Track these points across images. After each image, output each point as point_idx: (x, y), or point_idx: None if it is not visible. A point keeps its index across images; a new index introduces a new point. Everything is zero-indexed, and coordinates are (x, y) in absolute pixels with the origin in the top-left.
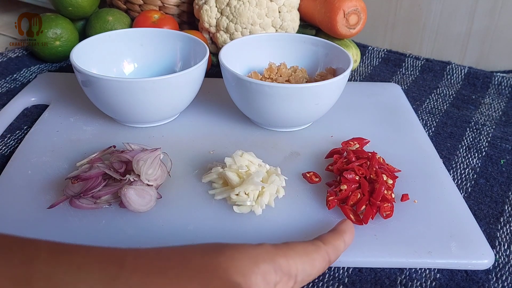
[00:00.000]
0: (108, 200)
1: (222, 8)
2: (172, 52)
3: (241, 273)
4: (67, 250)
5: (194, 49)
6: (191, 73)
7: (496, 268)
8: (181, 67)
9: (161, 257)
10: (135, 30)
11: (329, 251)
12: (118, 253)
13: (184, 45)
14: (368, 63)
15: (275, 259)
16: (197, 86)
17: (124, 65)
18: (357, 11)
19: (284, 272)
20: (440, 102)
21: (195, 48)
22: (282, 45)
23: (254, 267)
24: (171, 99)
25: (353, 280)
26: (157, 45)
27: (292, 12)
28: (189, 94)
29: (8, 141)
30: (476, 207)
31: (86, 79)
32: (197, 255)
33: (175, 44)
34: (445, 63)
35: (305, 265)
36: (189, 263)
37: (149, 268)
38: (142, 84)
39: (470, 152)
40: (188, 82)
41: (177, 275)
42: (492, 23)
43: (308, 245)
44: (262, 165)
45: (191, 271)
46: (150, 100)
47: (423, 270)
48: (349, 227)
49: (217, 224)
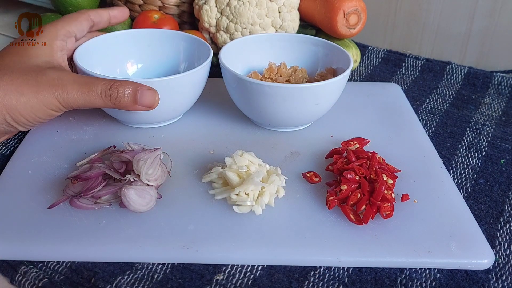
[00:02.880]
0: (108, 200)
1: (222, 8)
2: (176, 53)
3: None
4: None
5: (198, 50)
6: (194, 74)
7: (496, 268)
8: (185, 68)
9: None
10: (140, 31)
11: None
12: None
13: (188, 46)
14: (368, 63)
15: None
16: (201, 87)
17: (128, 66)
18: (357, 11)
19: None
20: (440, 102)
21: (199, 49)
22: (282, 45)
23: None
24: (174, 100)
25: (353, 280)
26: (162, 46)
27: (292, 12)
28: (192, 95)
29: (8, 141)
30: (476, 207)
31: None
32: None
33: (179, 45)
34: (445, 63)
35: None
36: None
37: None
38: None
39: (470, 152)
40: (192, 83)
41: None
42: (492, 23)
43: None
44: (262, 165)
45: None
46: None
47: (423, 270)
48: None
49: (217, 224)
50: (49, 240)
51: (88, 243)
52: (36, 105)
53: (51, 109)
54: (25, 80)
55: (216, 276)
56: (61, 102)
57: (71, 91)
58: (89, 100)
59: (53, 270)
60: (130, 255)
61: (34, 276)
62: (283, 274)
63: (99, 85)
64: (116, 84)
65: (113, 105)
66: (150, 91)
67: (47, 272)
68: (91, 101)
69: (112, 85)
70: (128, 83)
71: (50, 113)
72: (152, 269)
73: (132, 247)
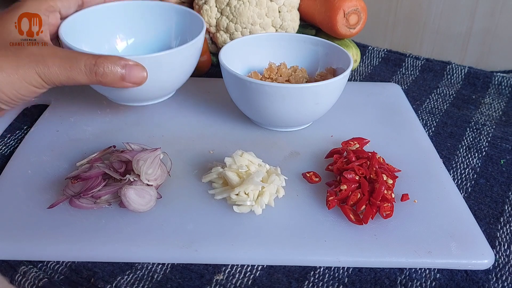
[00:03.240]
0: (108, 200)
1: (222, 8)
2: (168, 28)
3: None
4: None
5: (191, 24)
6: (186, 49)
7: (496, 268)
8: (178, 44)
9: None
10: (133, 2)
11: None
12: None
13: (181, 19)
14: (368, 63)
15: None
16: (193, 64)
17: (117, 41)
18: (357, 11)
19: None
20: (440, 102)
21: (192, 22)
22: (282, 45)
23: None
24: (165, 77)
25: (353, 280)
26: (155, 20)
27: (292, 12)
28: (184, 72)
29: (8, 141)
30: (476, 207)
31: None
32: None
33: (171, 18)
34: (445, 63)
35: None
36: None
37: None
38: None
39: (470, 152)
40: (183, 59)
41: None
42: (493, 23)
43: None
44: (262, 165)
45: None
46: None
47: (423, 270)
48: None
49: (217, 224)
50: (49, 240)
51: (87, 243)
52: (17, 81)
53: (33, 85)
54: (3, 55)
55: (216, 276)
56: (43, 77)
57: (52, 66)
58: (71, 76)
59: (52, 270)
60: (129, 255)
61: (34, 276)
62: (283, 274)
63: (83, 60)
64: (102, 59)
65: (97, 82)
66: (138, 67)
67: (47, 272)
68: (73, 77)
69: (97, 60)
70: (114, 59)
71: (32, 90)
72: (151, 269)
73: (132, 247)
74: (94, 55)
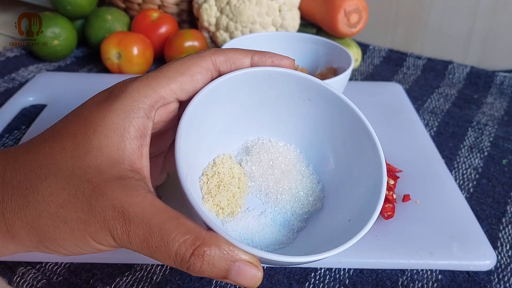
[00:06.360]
0: None
1: (221, 6)
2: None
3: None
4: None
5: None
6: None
7: (498, 269)
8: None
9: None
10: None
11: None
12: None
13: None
14: (369, 62)
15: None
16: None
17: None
18: (358, 10)
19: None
20: (442, 102)
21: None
22: (283, 44)
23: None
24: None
25: (354, 282)
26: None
27: (293, 10)
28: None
29: (6, 141)
30: (478, 207)
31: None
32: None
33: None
34: (447, 63)
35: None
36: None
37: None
38: None
39: (472, 152)
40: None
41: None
42: (494, 22)
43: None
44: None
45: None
46: None
47: (425, 271)
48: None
49: None
50: None
51: None
52: (82, 238)
53: (102, 244)
54: (72, 196)
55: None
56: (118, 241)
57: (134, 237)
58: (153, 256)
59: (51, 271)
60: (128, 256)
61: (32, 278)
62: (283, 275)
63: (176, 244)
64: (201, 250)
65: (182, 270)
66: (251, 266)
67: (45, 273)
68: (156, 258)
69: (195, 251)
70: (220, 249)
71: (99, 248)
72: (151, 270)
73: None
74: (195, 236)
